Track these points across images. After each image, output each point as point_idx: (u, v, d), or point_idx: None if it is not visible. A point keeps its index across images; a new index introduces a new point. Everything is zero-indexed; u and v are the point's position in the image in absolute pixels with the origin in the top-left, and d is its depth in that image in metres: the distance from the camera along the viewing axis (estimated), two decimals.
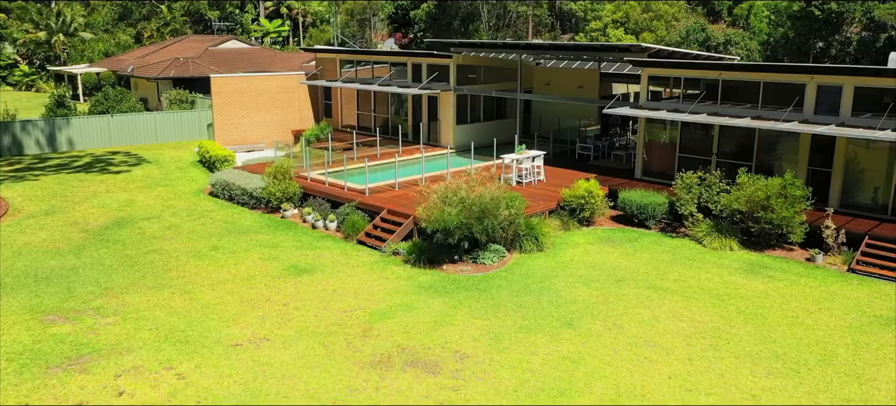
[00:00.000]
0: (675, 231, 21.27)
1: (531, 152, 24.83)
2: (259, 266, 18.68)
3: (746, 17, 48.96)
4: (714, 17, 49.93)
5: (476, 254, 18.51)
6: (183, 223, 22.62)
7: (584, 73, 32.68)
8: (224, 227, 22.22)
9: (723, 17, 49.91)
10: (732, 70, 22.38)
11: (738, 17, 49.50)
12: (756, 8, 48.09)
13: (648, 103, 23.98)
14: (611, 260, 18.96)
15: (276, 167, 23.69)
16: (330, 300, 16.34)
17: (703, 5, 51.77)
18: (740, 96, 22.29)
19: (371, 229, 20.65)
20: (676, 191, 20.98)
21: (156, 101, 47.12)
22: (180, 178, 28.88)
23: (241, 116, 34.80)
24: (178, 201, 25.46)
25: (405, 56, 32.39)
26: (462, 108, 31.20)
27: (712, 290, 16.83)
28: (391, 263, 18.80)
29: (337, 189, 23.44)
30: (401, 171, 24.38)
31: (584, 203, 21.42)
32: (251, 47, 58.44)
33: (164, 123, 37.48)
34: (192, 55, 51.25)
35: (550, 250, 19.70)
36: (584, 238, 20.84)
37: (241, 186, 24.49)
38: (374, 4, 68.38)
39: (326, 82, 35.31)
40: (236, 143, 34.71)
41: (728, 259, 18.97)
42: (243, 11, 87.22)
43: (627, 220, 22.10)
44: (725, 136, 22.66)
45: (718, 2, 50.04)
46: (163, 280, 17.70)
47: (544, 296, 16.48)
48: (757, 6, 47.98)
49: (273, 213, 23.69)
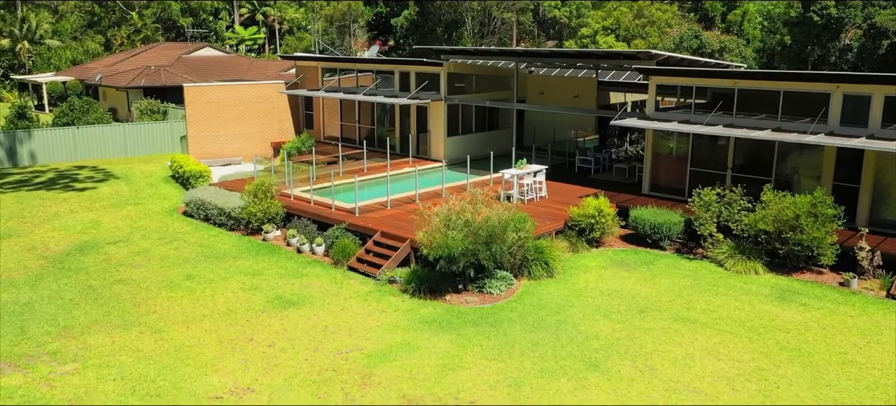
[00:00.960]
0: (692, 252, 19.69)
1: (532, 167, 23.14)
2: (240, 298, 16.72)
3: (740, 23, 47.98)
4: (707, 23, 48.92)
5: (482, 282, 16.74)
6: (154, 248, 20.56)
7: (581, 81, 31.14)
8: (200, 251, 20.20)
9: (716, 24, 48.91)
10: (750, 78, 20.91)
11: (733, 23, 48.50)
12: (750, 14, 47.16)
13: (657, 113, 22.43)
14: (628, 286, 17.30)
15: (257, 185, 21.73)
16: (321, 339, 14.45)
17: (696, 11, 50.74)
18: (757, 106, 20.82)
19: (363, 254, 18.79)
20: (693, 209, 19.41)
21: (126, 111, 44.78)
22: (151, 196, 26.76)
23: (216, 128, 32.73)
24: (149, 222, 23.37)
25: (392, 64, 30.60)
26: (453, 119, 29.47)
27: (745, 322, 15.22)
28: (387, 293, 16.95)
29: (323, 208, 21.55)
30: (392, 188, 22.55)
31: (594, 222, 19.76)
32: (226, 55, 56.23)
33: (134, 135, 35.25)
34: (164, 63, 48.97)
35: (561, 276, 17.99)
36: (596, 261, 19.17)
37: (218, 206, 22.48)
38: (353, 11, 66.46)
39: (308, 92, 33.39)
40: (212, 156, 32.62)
41: (755, 284, 17.40)
42: (217, 18, 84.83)
43: (639, 240, 20.49)
44: (741, 149, 21.17)
45: (712, 8, 49.04)
46: (131, 316, 15.67)
47: (562, 331, 14.74)
48: (750, 12, 47.05)
49: (253, 234, 21.72)
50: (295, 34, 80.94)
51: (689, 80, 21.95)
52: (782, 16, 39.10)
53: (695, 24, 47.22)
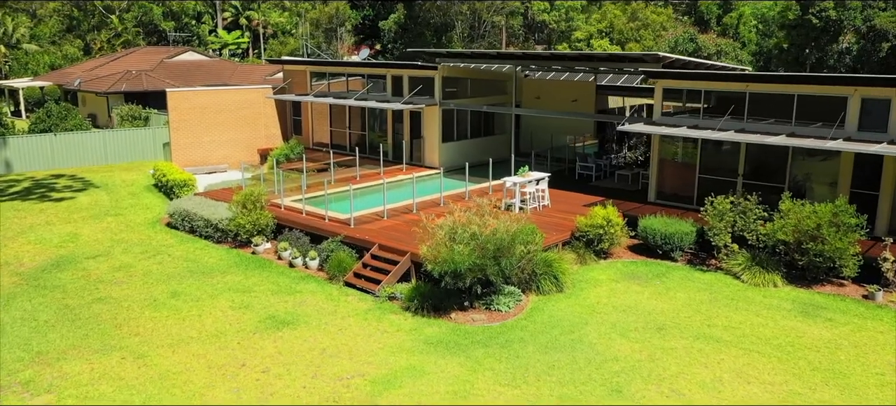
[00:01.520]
0: (704, 263, 18.79)
1: (534, 174, 22.17)
2: (229, 317, 15.57)
3: (736, 26, 47.35)
4: (703, 26, 48.25)
5: (489, 298, 15.71)
6: (136, 262, 19.34)
7: (579, 85, 30.26)
8: (185, 266, 19.01)
9: (712, 27, 48.28)
10: (762, 82, 20.08)
11: (728, 26, 47.88)
12: (745, 17, 46.53)
13: (665, 118, 21.55)
14: (642, 302, 16.34)
15: (245, 195, 20.58)
16: (320, 364, 13.35)
17: (690, 14, 50.05)
18: (769, 110, 19.99)
19: (360, 268, 17.69)
20: (706, 218, 18.51)
21: (106, 117, 43.38)
22: (133, 206, 25.48)
23: (200, 134, 31.48)
24: (131, 234, 22.12)
25: (384, 67, 29.54)
26: (448, 125, 28.45)
27: (771, 340, 14.31)
28: (388, 311, 15.87)
29: (316, 219, 20.43)
30: (388, 197, 21.48)
31: (603, 233, 18.81)
32: (209, 59, 54.89)
33: (114, 142, 33.91)
34: (146, 68, 47.59)
35: (571, 291, 17.00)
36: (605, 274, 18.21)
37: (205, 217, 21.30)
38: (339, 14, 65.31)
39: (296, 96, 32.23)
40: (196, 163, 31.37)
41: (775, 298, 16.52)
42: (200, 23, 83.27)
43: (648, 251, 19.57)
44: (753, 156, 20.34)
45: (707, 10, 48.40)
46: (111, 340, 14.48)
47: (578, 352, 13.75)
48: (746, 15, 46.42)
49: (242, 247, 20.55)
50: (279, 38, 79.56)
51: (697, 84, 21.10)
52: (778, 19, 38.45)
53: (690, 27, 46.58)
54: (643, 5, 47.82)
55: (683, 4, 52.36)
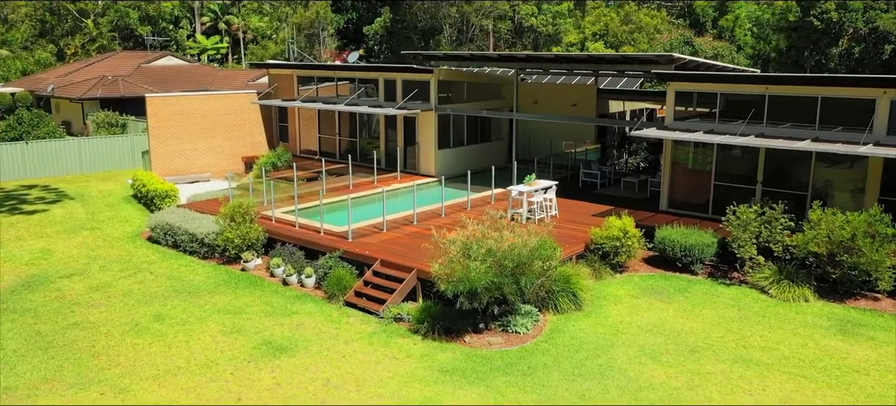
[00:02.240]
0: (727, 277, 17.67)
1: (542, 182, 20.96)
2: (220, 344, 14.14)
3: (732, 29, 46.63)
4: (698, 29, 47.48)
5: (506, 319, 14.44)
6: (115, 281, 17.80)
7: (579, 89, 29.16)
8: (169, 285, 17.51)
9: (707, 30, 47.52)
10: (783, 84, 19.04)
11: (724, 29, 47.16)
12: (741, 19, 45.84)
13: (679, 123, 20.46)
14: (668, 320, 15.17)
15: (234, 207, 19.12)
16: (324, 397, 11.99)
17: (686, 17, 49.31)
18: (790, 114, 18.96)
19: (361, 287, 16.33)
20: (729, 228, 17.40)
21: (81, 124, 41.56)
22: (111, 219, 23.88)
23: (182, 142, 29.92)
24: (109, 250, 20.56)
25: (376, 71, 28.20)
26: (444, 131, 27.18)
27: (815, 362, 13.18)
28: (395, 334, 14.53)
29: (310, 233, 19.03)
30: (387, 207, 20.15)
31: (619, 245, 17.64)
32: (189, 64, 53.14)
33: (90, 151, 32.25)
34: (123, 73, 45.78)
35: (590, 308, 15.78)
36: (624, 289, 17.02)
37: (189, 231, 19.81)
38: (321, 18, 63.82)
39: (282, 102, 30.80)
40: (177, 173, 29.79)
41: (808, 314, 15.42)
42: (178, 27, 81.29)
43: (666, 264, 18.43)
44: (773, 162, 19.30)
45: (703, 13, 47.66)
46: (89, 371, 12.99)
47: (609, 379, 12.52)
48: (742, 18, 45.75)
49: (230, 263, 19.09)
50: (260, 43, 77.86)
51: (714, 86, 20.02)
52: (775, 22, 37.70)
53: (686, 30, 45.80)
54: (636, 8, 46.99)
55: (678, 7, 51.65)
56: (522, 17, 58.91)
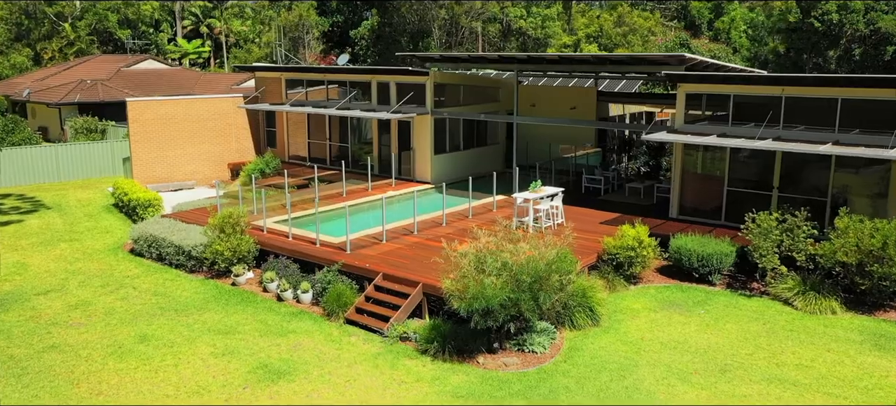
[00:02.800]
0: (746, 288, 16.80)
1: (547, 189, 20.00)
2: (212, 368, 13.00)
3: (728, 31, 46.10)
4: (694, 30, 46.91)
5: (521, 337, 13.44)
6: (96, 299, 16.57)
7: (578, 91, 28.28)
8: (155, 302, 16.32)
9: (703, 32, 46.94)
10: (801, 85, 18.22)
11: (720, 31, 46.59)
12: (736, 22, 45.34)
13: (691, 127, 19.59)
14: (691, 335, 14.24)
15: (223, 217, 17.95)
16: None
17: (681, 19, 48.71)
18: (807, 117, 18.15)
19: (363, 303, 15.25)
20: (749, 237, 16.53)
21: (58, 130, 40.04)
22: (90, 230, 22.59)
23: (165, 148, 28.65)
24: (89, 263, 19.30)
25: (369, 74, 27.12)
26: (440, 135, 26.15)
27: (855, 382, 12.30)
28: (402, 355, 13.47)
29: (305, 244, 17.91)
30: (380, 216, 19.08)
31: (634, 255, 16.71)
32: (170, 68, 51.74)
33: (68, 158, 30.87)
34: (102, 77, 44.31)
35: (608, 323, 14.82)
36: (640, 302, 16.08)
37: (175, 243, 18.61)
38: (305, 21, 62.57)
39: (270, 106, 29.62)
40: (160, 180, 28.51)
41: (838, 327, 14.57)
42: (158, 31, 79.63)
43: (681, 274, 17.52)
44: (789, 167, 18.48)
45: (699, 15, 47.09)
46: (67, 400, 11.80)
47: (638, 403, 11.53)
48: (737, 20, 45.24)
49: (220, 277, 17.92)
50: (243, 47, 76.41)
51: (727, 88, 19.17)
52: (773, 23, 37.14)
53: (682, 32, 45.19)
54: (629, 9, 46.34)
55: (673, 9, 51.02)
56: (511, 19, 58.11)
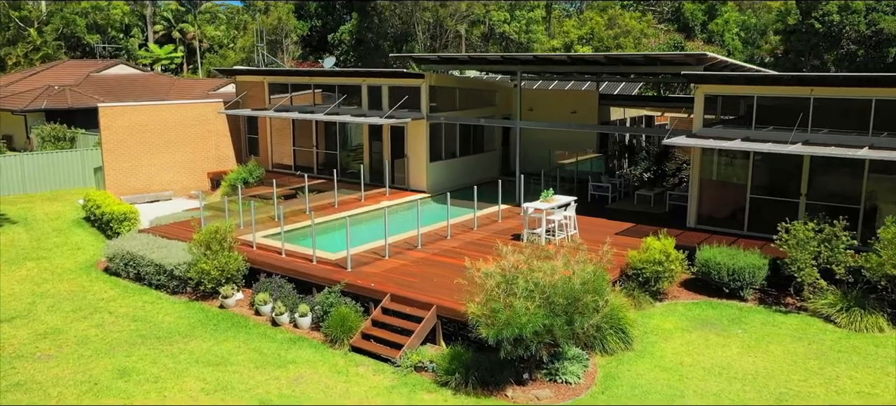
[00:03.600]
0: (780, 303, 15.59)
1: (560, 198, 18.67)
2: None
3: (722, 34, 45.33)
4: (688, 33, 46.09)
5: (553, 366, 12.04)
6: (67, 326, 14.84)
7: (579, 95, 27.07)
8: (134, 329, 14.63)
9: (696, 34, 46.15)
10: (832, 85, 17.10)
11: (714, 33, 45.83)
12: (730, 24, 44.63)
13: (712, 131, 18.39)
14: (734, 359, 12.96)
15: (210, 232, 16.31)
16: None
17: (674, 21, 47.86)
18: (837, 119, 17.05)
19: (369, 327, 13.73)
20: (784, 248, 15.33)
21: (24, 139, 37.87)
22: (60, 246, 20.77)
23: (140, 157, 26.83)
24: (59, 284, 17.52)
25: (359, 77, 25.60)
26: (435, 141, 24.71)
27: None
28: (419, 388, 11.98)
29: (301, 261, 16.34)
30: (378, 229, 17.59)
31: (661, 270, 15.42)
32: (143, 73, 49.61)
33: (34, 168, 28.90)
34: (71, 82, 42.13)
35: (640, 346, 13.49)
36: (670, 321, 14.78)
37: (155, 261, 16.92)
38: (283, 25, 60.75)
39: (253, 111, 27.94)
40: (135, 191, 26.68)
41: (890, 347, 13.40)
42: (129, 36, 77.19)
43: (707, 288, 16.28)
44: (819, 173, 17.35)
45: (692, 17, 46.27)
46: None
47: None
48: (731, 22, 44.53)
49: (206, 299, 16.27)
50: (218, 52, 74.30)
51: (749, 89, 18.01)
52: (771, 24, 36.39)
53: (675, 34, 44.33)
54: (621, 12, 45.42)
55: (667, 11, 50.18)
56: (494, 23, 56.95)
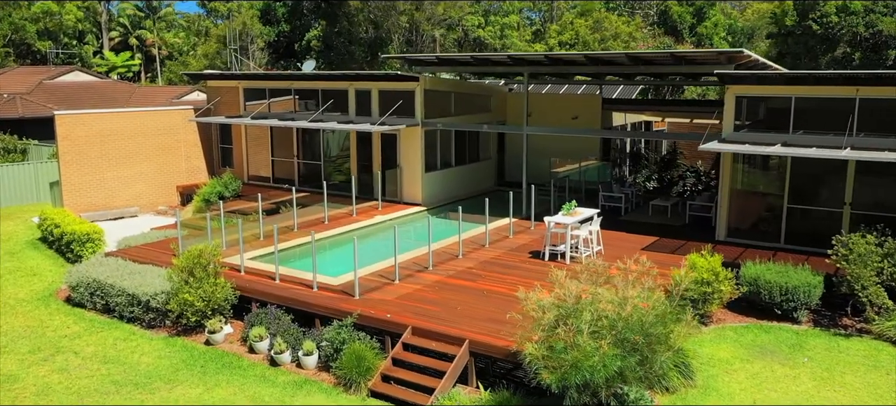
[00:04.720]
0: (837, 325, 14.06)
1: (583, 211, 16.91)
2: None
3: (711, 36, 44.46)
4: (676, 36, 45.07)
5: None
6: (24, 371, 12.49)
7: (581, 99, 25.49)
8: (106, 374, 12.36)
9: (685, 37, 45.18)
10: (882, 85, 15.68)
11: (703, 36, 44.90)
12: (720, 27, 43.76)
13: (744, 135, 16.86)
14: (808, 394, 11.31)
15: (192, 257, 14.09)
16: None
17: (660, 24, 46.81)
18: (883, 122, 15.66)
19: (390, 367, 11.72)
20: (843, 265, 13.80)
21: None
22: (12, 272, 18.25)
23: (102, 169, 24.34)
24: (12, 318, 15.10)
25: (346, 80, 23.55)
26: (431, 150, 22.81)
27: None
28: None
29: (299, 288, 14.25)
30: (383, 249, 15.62)
31: (709, 292, 13.75)
32: (100, 80, 46.67)
33: None
34: (21, 90, 39.16)
35: (702, 380, 11.75)
36: (724, 348, 13.09)
37: (127, 290, 14.63)
38: (248, 30, 58.17)
39: (227, 119, 25.67)
40: (97, 207, 24.17)
41: None
42: (83, 43, 73.62)
43: (753, 309, 14.68)
44: (866, 181, 15.94)
45: (680, 20, 45.24)
46: None
47: None
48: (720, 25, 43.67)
49: (189, 334, 14.04)
50: (178, 59, 71.26)
51: (788, 89, 16.51)
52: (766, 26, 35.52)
53: (665, 37, 43.27)
54: (607, 14, 44.23)
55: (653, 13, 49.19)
56: (469, 28, 55.38)
